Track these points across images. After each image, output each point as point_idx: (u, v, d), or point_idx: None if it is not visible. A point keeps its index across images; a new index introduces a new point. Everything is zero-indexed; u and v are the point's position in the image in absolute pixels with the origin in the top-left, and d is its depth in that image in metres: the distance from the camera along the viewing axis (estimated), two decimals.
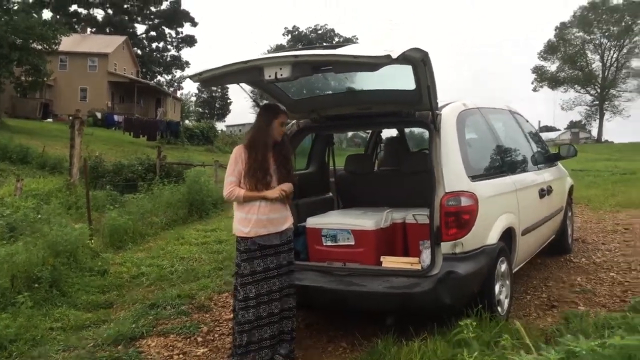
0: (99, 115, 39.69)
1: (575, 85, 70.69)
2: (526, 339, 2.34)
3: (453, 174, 4.28)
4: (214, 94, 79.92)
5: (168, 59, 68.47)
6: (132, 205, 10.19)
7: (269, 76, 3.83)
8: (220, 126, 60.34)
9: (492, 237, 4.46)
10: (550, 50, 71.24)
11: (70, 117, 41.51)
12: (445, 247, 4.20)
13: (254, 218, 4.17)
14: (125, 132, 35.70)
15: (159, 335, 4.93)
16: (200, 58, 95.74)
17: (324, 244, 4.88)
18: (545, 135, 60.89)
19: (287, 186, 4.22)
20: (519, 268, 5.48)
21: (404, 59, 3.78)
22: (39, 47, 33.11)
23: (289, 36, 77.01)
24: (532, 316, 4.98)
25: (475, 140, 4.97)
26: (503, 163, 5.10)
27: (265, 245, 4.18)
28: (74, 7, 61.00)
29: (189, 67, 68.51)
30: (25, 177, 16.98)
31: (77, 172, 14.78)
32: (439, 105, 4.62)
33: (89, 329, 5.15)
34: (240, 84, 4.57)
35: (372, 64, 3.63)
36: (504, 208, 4.72)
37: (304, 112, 5.08)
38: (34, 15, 33.50)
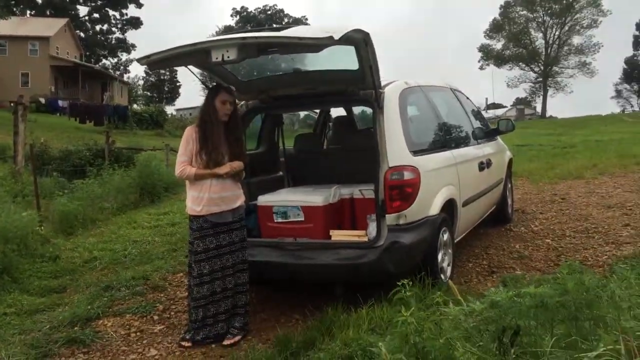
0: (42, 100, 38.58)
1: (520, 63, 72.63)
2: (457, 296, 2.57)
3: (396, 149, 4.49)
4: (162, 77, 78.39)
5: (113, 41, 66.81)
6: (81, 191, 10.08)
7: (216, 58, 3.95)
8: (170, 110, 59.36)
9: (434, 209, 4.71)
10: (495, 28, 72.73)
11: (12, 104, 40.04)
12: (390, 219, 4.42)
13: (206, 196, 4.30)
14: (71, 117, 34.93)
15: (115, 316, 5.01)
16: (146, 40, 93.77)
17: (275, 220, 5.04)
18: (492, 112, 62.23)
19: (237, 163, 4.35)
20: (462, 237, 5.77)
21: (346, 39, 3.95)
22: None
23: (238, 17, 76.25)
24: (474, 282, 5.28)
25: (417, 116, 5.20)
26: (444, 138, 5.35)
27: (218, 223, 4.32)
28: None
29: (135, 49, 66.98)
30: None
31: (22, 160, 14.45)
32: (382, 84, 4.83)
33: (44, 313, 5.18)
34: (189, 67, 4.66)
35: (316, 44, 3.79)
36: (445, 181, 4.97)
37: (253, 93, 5.19)
38: None
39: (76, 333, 4.56)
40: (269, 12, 76.07)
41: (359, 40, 4.12)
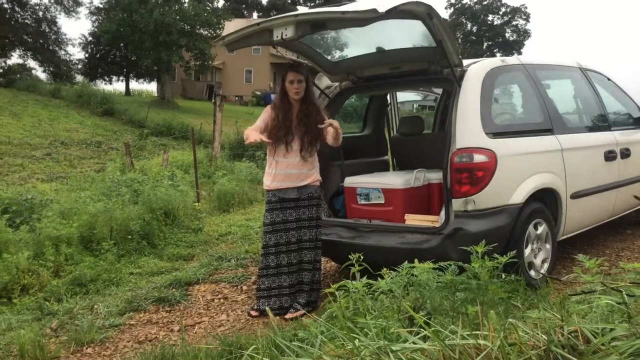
0: (259, 93, 42.22)
1: None
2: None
3: (467, 130, 4.18)
4: None
5: (328, 40, 70.02)
6: (241, 172, 10.90)
7: (277, 37, 4.07)
8: None
9: (517, 197, 4.29)
10: None
11: (236, 98, 43.94)
12: (457, 204, 4.15)
13: (273, 172, 4.48)
14: None
15: (211, 282, 5.42)
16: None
17: (359, 202, 5.01)
18: None
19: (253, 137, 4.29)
20: (580, 233, 5.19)
21: (404, 13, 3.81)
22: (205, 32, 35.88)
23: (452, 9, 74.78)
24: (572, 284, 4.69)
25: (510, 97, 4.77)
26: (546, 121, 4.79)
27: (285, 199, 4.45)
28: None
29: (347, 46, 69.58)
30: (178, 151, 18.80)
31: (219, 145, 16.10)
32: (475, 62, 4.54)
33: (162, 275, 5.77)
34: (278, 49, 4.85)
35: (360, 19, 3.70)
36: (537, 167, 4.49)
37: (342, 74, 5.21)
38: (209, 3, 36.55)
39: (168, 294, 5.03)
40: (485, 3, 73.39)
41: (422, 14, 3.91)
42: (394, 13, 3.68)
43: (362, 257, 2.71)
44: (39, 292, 5.17)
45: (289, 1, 64.04)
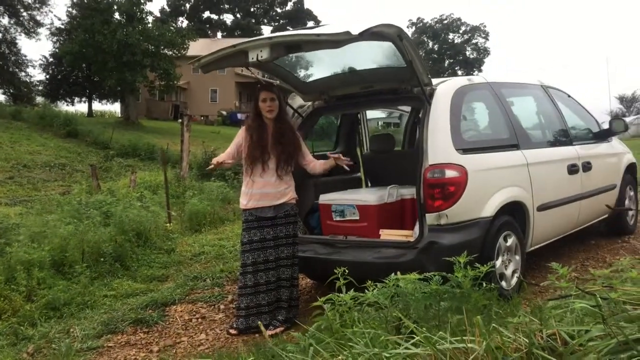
0: (224, 113, 42.21)
1: None
2: None
3: (439, 147, 4.32)
4: None
5: (293, 59, 70.51)
6: (212, 192, 10.91)
7: (252, 58, 4.16)
8: None
9: (488, 210, 4.44)
10: None
11: (202, 117, 43.77)
12: (430, 218, 4.27)
13: (250, 192, 4.54)
14: None
15: (188, 303, 5.43)
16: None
17: (334, 219, 5.10)
18: None
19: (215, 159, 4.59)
20: (548, 244, 5.36)
21: (375, 35, 3.94)
22: (169, 52, 35.78)
23: (414, 28, 76.18)
24: (544, 292, 4.86)
25: (478, 115, 4.95)
26: (512, 137, 4.97)
27: (262, 217, 4.52)
28: (206, 14, 65.12)
29: (319, 67, 70.34)
30: (145, 172, 18.64)
31: (187, 165, 16.01)
32: (443, 81, 4.70)
33: (137, 297, 5.75)
34: (250, 69, 4.95)
35: (334, 41, 3.82)
36: (505, 182, 4.66)
37: (315, 94, 5.32)
38: (172, 24, 36.45)
39: (145, 315, 5.02)
40: (446, 22, 75.04)
41: (393, 36, 4.05)
42: (367, 35, 3.82)
43: (346, 271, 2.77)
44: (12, 317, 5.10)
45: (253, 21, 64.48)
